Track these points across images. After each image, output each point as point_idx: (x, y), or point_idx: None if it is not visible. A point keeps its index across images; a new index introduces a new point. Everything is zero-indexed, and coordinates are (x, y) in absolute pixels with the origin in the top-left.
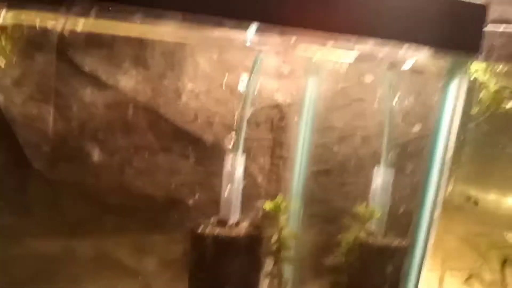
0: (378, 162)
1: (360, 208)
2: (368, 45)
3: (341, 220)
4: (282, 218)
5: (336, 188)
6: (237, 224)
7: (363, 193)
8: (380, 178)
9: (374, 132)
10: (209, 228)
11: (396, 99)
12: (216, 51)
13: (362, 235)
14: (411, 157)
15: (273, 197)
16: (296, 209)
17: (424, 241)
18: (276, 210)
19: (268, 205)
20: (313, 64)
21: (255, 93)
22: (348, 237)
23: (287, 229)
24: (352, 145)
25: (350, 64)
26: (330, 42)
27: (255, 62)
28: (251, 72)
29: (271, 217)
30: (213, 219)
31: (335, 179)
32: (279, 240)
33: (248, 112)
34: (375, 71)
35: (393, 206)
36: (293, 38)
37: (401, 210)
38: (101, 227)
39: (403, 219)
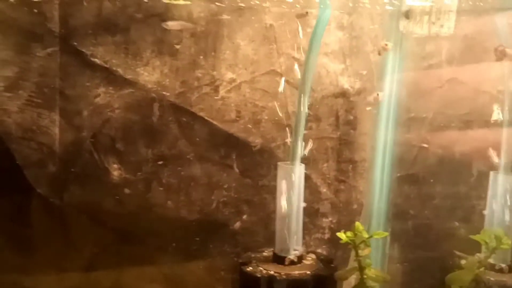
0: (489, 164)
1: (481, 236)
2: None
3: (442, 246)
4: (364, 253)
5: (428, 201)
6: (299, 259)
7: (470, 209)
8: (499, 187)
9: (477, 123)
10: (262, 266)
11: None
12: (260, 26)
13: (483, 271)
14: None
15: (342, 214)
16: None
17: None
18: (356, 242)
19: (343, 236)
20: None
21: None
22: (462, 276)
23: (371, 270)
24: (447, 141)
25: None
26: None
27: (318, 23)
28: (312, 41)
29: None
30: (267, 252)
31: (426, 190)
32: (361, 286)
33: (306, 104)
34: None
35: None
36: None
37: None
38: (123, 262)
39: None
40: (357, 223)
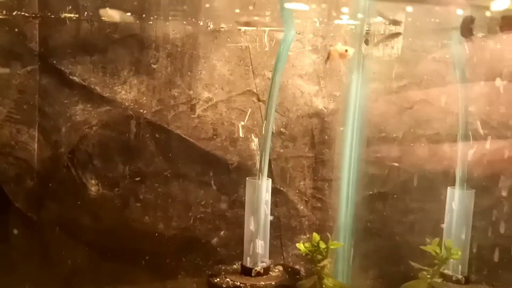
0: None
1: (431, 246)
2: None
3: (406, 259)
4: (322, 264)
5: (397, 217)
6: (266, 270)
7: (434, 223)
8: (456, 202)
9: (445, 142)
10: (230, 277)
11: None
12: (236, 48)
13: (437, 282)
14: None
15: (319, 229)
16: (346, 246)
17: None
18: (313, 253)
19: (301, 246)
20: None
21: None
22: (416, 286)
23: (329, 280)
24: (416, 160)
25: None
26: None
27: (283, 42)
28: (276, 63)
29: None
30: (237, 265)
31: (396, 205)
32: None
33: (272, 120)
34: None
35: (476, 239)
36: None
37: (489, 244)
38: (100, 278)
39: (491, 256)
40: (315, 234)
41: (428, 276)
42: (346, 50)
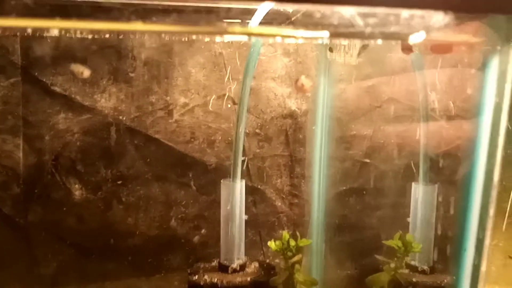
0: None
1: (393, 241)
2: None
3: (376, 253)
4: (293, 261)
5: (368, 212)
6: (242, 267)
7: (404, 217)
8: (419, 197)
9: (414, 139)
10: (207, 274)
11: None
12: (210, 55)
13: (402, 273)
14: (462, 165)
15: (297, 226)
16: (319, 242)
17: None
18: (284, 250)
19: (272, 245)
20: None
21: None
22: (381, 277)
23: (300, 275)
24: (386, 157)
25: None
26: None
27: (251, 53)
28: (246, 68)
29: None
30: (215, 262)
31: (367, 201)
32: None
33: (244, 122)
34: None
35: (441, 231)
36: None
37: (450, 236)
38: (85, 277)
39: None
40: (284, 233)
41: (393, 268)
42: (303, 84)
